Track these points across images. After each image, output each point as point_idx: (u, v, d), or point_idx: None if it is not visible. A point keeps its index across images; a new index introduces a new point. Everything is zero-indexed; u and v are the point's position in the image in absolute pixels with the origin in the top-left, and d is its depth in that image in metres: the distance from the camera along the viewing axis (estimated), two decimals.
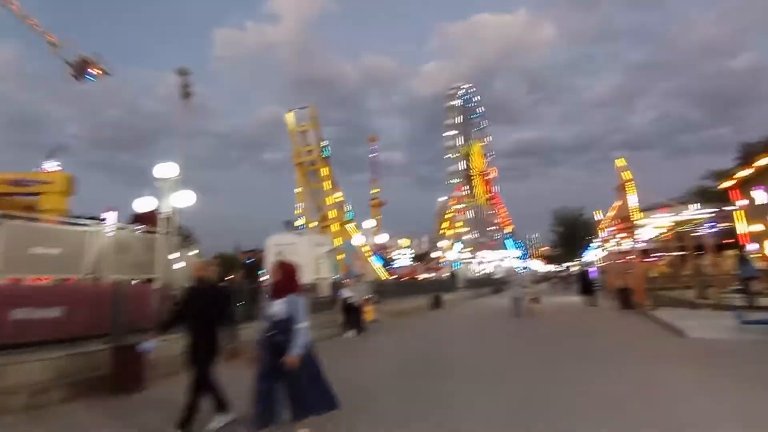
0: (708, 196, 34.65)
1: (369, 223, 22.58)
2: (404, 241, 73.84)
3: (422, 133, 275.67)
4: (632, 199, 14.89)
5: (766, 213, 23.56)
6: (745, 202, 26.28)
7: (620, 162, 15.90)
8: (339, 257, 34.41)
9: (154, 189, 9.69)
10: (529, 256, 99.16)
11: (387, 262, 69.92)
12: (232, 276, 16.16)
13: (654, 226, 16.45)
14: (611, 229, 18.46)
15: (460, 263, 47.92)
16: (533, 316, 15.86)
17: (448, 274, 36.34)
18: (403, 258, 71.13)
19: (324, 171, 34.33)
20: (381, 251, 76.98)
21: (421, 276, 54.88)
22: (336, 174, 35.52)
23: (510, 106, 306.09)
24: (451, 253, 47.79)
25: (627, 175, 15.22)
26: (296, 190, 35.68)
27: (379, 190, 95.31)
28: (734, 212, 27.13)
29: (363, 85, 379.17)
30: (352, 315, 12.60)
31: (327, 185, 34.45)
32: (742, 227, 26.03)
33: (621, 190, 15.91)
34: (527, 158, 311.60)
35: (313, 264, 14.27)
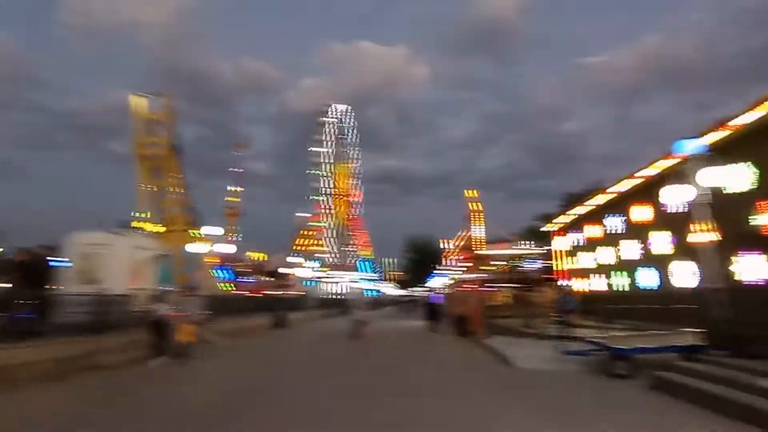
0: (538, 235, 39.42)
1: (215, 231, 20.02)
2: (254, 255, 69.76)
3: (291, 147, 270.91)
4: (478, 230, 15.55)
5: (575, 253, 27.32)
6: (564, 242, 30.33)
7: (471, 193, 16.64)
8: (179, 266, 30.52)
9: None
10: (383, 280, 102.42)
11: (237, 276, 65.27)
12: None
13: (493, 258, 17.52)
14: (457, 257, 19.29)
15: (314, 282, 46.68)
16: (364, 339, 16.21)
17: (298, 292, 34.79)
18: (253, 272, 67.07)
19: (173, 168, 30.39)
20: (231, 263, 71.73)
21: (271, 293, 52.19)
22: (188, 175, 31.83)
23: (380, 134, 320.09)
24: (304, 271, 46.30)
25: (476, 206, 15.90)
26: (139, 187, 30.96)
27: (239, 199, 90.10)
28: (554, 251, 31.15)
29: (239, 88, 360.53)
30: (162, 336, 10.28)
31: (174, 185, 30.50)
32: (559, 264, 29.86)
33: (469, 219, 16.57)
34: (389, 185, 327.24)
35: (131, 270, 11.69)
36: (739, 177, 8.59)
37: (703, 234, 15.46)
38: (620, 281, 22.04)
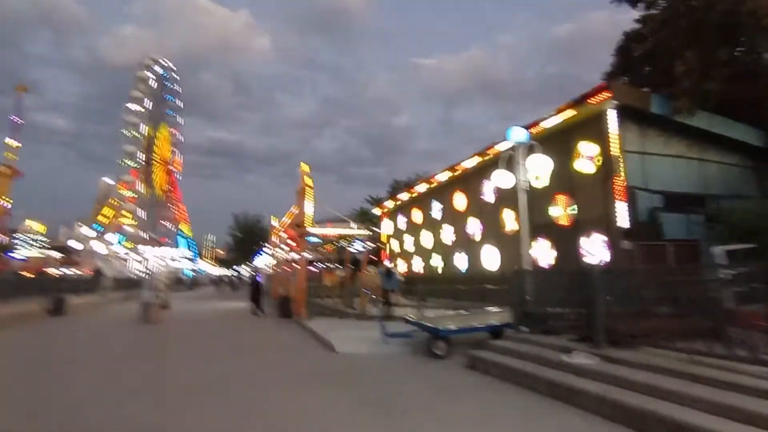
0: (367, 217, 40.47)
1: None
2: (35, 225, 56.57)
3: (103, 102, 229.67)
4: (308, 206, 14.57)
5: (400, 236, 28.71)
6: (390, 225, 31.68)
7: (305, 167, 15.52)
8: None
9: None
10: (201, 257, 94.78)
11: (4, 249, 51.98)
12: None
13: (320, 237, 16.78)
14: (284, 234, 18.04)
15: (100, 257, 39.60)
16: (160, 323, 14.43)
17: (91, 270, 29.02)
18: (30, 246, 54.27)
19: None
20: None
21: (54, 271, 43.02)
22: None
23: (212, 101, 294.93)
24: (101, 246, 39.09)
25: (308, 181, 14.87)
26: None
27: (15, 156, 71.76)
28: (381, 234, 32.29)
29: (26, 19, 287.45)
30: None
31: None
32: (385, 246, 31.05)
33: (300, 195, 15.47)
34: (220, 158, 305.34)
35: None
36: (547, 169, 9.29)
37: (510, 222, 17.43)
38: (437, 263, 23.74)
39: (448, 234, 22.67)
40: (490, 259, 18.71)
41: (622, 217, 12.41)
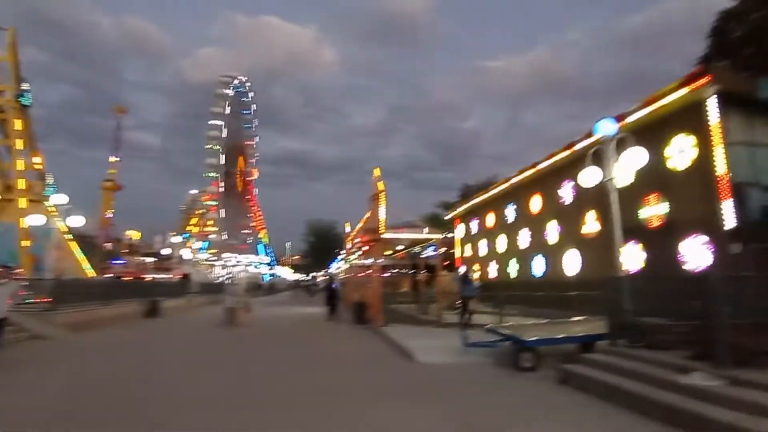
0: (438, 222, 40.04)
1: (59, 199, 16.37)
2: (133, 233, 62.38)
3: (186, 119, 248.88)
4: (381, 211, 14.51)
5: (473, 240, 27.93)
6: (463, 230, 31.01)
7: (377, 172, 15.52)
8: (24, 243, 25.45)
9: None
10: (280, 263, 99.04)
11: (108, 256, 57.81)
12: None
13: (394, 242, 16.67)
14: (357, 240, 18.17)
15: (188, 263, 42.43)
16: (242, 327, 15.13)
17: (180, 275, 31.25)
18: (130, 253, 59.95)
19: (17, 124, 25.01)
20: (104, 242, 63.46)
21: (150, 276, 46.99)
22: (55, 142, 26.60)
23: (283, 114, 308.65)
24: (189, 252, 42.04)
25: (381, 186, 14.84)
26: None
27: (117, 171, 79.78)
28: (454, 238, 31.70)
29: (122, 50, 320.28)
30: None
31: (19, 144, 25.15)
32: (458, 251, 30.42)
33: (373, 200, 15.47)
34: (291, 168, 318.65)
35: None
36: (639, 165, 8.39)
37: (592, 224, 16.26)
38: (512, 268, 22.76)
39: (523, 238, 21.66)
40: (570, 263, 17.57)
41: (729, 216, 10.98)
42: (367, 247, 18.91)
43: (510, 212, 23.28)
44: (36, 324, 12.50)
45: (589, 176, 8.89)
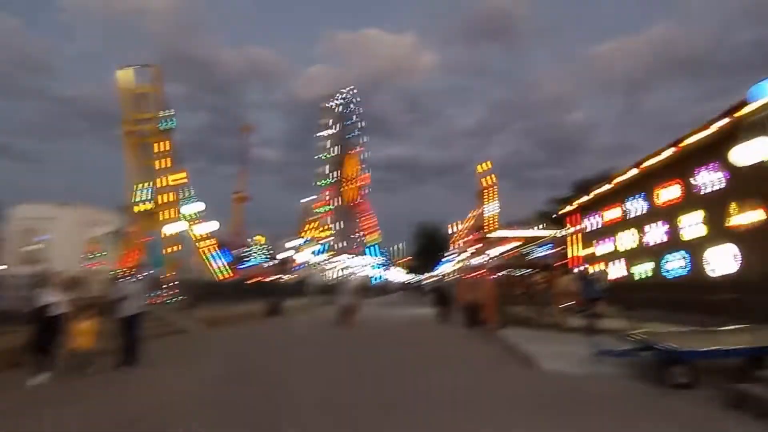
0: (550, 220, 37.50)
1: (194, 208, 18.31)
2: (259, 239, 68.40)
3: (299, 133, 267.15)
4: (491, 207, 13.69)
5: (594, 238, 25.40)
6: (580, 227, 28.49)
7: (483, 166, 14.75)
8: (169, 250, 29.08)
9: None
10: (391, 265, 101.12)
11: (237, 260, 64.04)
12: None
13: (505, 241, 15.68)
14: (466, 239, 17.49)
15: (306, 266, 44.82)
16: (353, 327, 15.53)
17: (299, 277, 33.26)
18: (256, 257, 65.89)
19: (163, 145, 28.75)
20: (234, 247, 70.47)
21: (272, 278, 50.89)
22: (197, 162, 30.31)
23: (387, 121, 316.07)
24: (305, 256, 44.65)
25: (489, 180, 14.02)
26: (128, 166, 29.34)
27: (244, 184, 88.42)
28: (570, 235, 29.26)
29: (244, 76, 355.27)
30: (47, 339, 6.97)
31: (164, 163, 28.89)
32: (575, 250, 27.99)
33: (480, 196, 14.70)
34: (398, 173, 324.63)
35: (79, 248, 10.02)
36: None
37: (749, 214, 13.60)
38: (643, 268, 20.16)
39: (654, 233, 19.08)
40: (717, 261, 14.95)
41: None
42: (475, 248, 18.14)
43: (636, 205, 20.72)
44: (179, 319, 13.99)
45: (749, 151, 7.28)
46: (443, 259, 63.30)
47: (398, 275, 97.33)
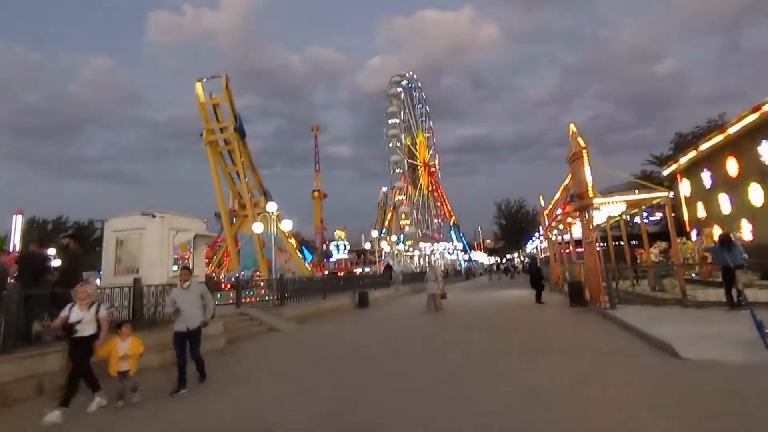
0: (653, 182, 33.69)
1: (271, 207, 18.47)
2: (339, 233, 69.78)
3: (368, 127, 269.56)
4: (587, 172, 12.01)
5: (712, 196, 22.07)
6: (688, 187, 25.05)
7: (573, 127, 13.03)
8: (261, 250, 30.20)
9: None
10: (473, 248, 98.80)
11: (323, 256, 65.90)
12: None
13: (610, 208, 13.79)
14: (558, 213, 15.79)
15: (389, 255, 44.54)
16: (443, 312, 15.44)
17: (384, 268, 33.08)
18: (339, 250, 67.29)
19: (239, 151, 29.76)
20: (318, 243, 72.79)
21: (358, 270, 51.68)
22: (275, 166, 31.28)
23: (454, 102, 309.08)
24: (388, 246, 44.47)
25: (582, 142, 12.31)
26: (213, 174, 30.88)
27: (320, 182, 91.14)
28: (681, 197, 25.87)
29: (309, 78, 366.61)
30: (75, 363, 5.84)
31: (243, 167, 29.92)
32: (690, 212, 24.71)
33: (574, 160, 13.02)
34: (471, 154, 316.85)
35: (169, 256, 10.17)
36: None
37: None
38: None
39: None
40: None
41: None
42: (571, 219, 16.33)
43: (766, 151, 17.43)
44: (270, 318, 14.05)
45: None
46: (530, 237, 60.16)
47: (483, 258, 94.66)
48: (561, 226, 19.55)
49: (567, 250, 19.95)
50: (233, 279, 23.16)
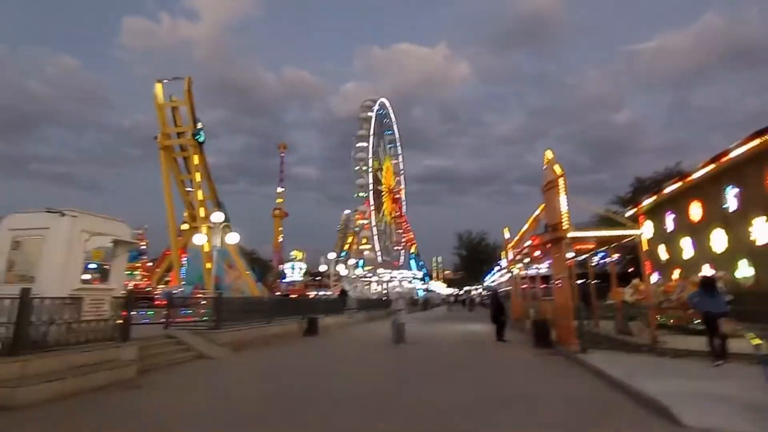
0: (612, 224, 34.06)
1: (217, 217, 16.73)
2: (297, 254, 67.41)
3: (337, 149, 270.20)
4: (563, 202, 11.21)
5: (674, 239, 22.10)
6: (651, 228, 25.14)
7: (550, 154, 12.31)
8: (208, 265, 27.98)
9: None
10: (432, 278, 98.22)
11: (279, 276, 63.26)
12: None
13: (580, 243, 13.06)
14: (528, 244, 14.99)
15: (345, 280, 42.90)
16: (406, 345, 13.84)
17: (338, 292, 31.42)
18: (294, 272, 64.76)
19: (196, 159, 27.87)
20: (278, 263, 69.96)
21: (313, 293, 49.49)
22: (239, 183, 29.52)
23: (423, 133, 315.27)
24: (345, 269, 42.79)
25: (558, 170, 11.56)
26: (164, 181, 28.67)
27: (282, 200, 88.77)
28: (640, 240, 25.89)
29: (282, 97, 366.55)
30: None
31: (198, 176, 27.98)
32: (652, 255, 24.66)
33: (548, 189, 12.24)
34: (436, 185, 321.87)
35: (75, 262, 8.39)
36: None
37: None
38: (744, 271, 16.87)
39: (760, 230, 15.85)
40: None
41: None
42: (540, 251, 15.56)
43: (731, 197, 17.50)
44: (201, 342, 12.25)
45: None
46: (490, 270, 60.02)
47: (441, 288, 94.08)
48: (527, 260, 18.81)
49: (531, 286, 19.19)
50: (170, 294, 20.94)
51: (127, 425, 5.72)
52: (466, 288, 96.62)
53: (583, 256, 16.76)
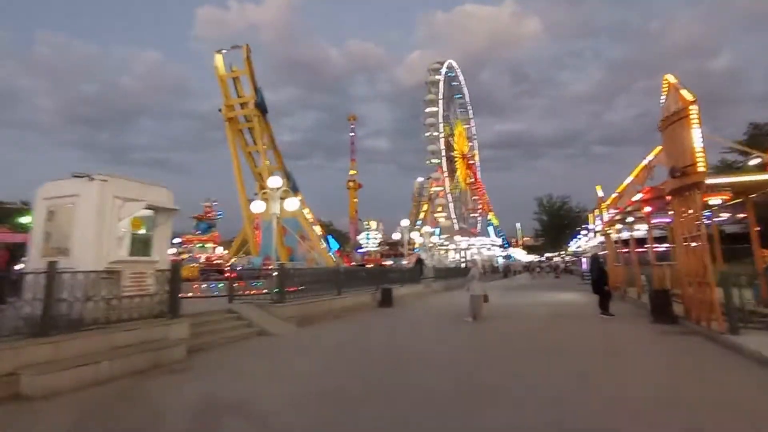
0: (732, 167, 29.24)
1: (274, 182, 15.59)
2: (371, 223, 66.78)
3: (407, 121, 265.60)
4: (696, 136, 8.48)
5: None
6: None
7: (672, 78, 9.49)
8: (277, 236, 27.76)
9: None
10: (511, 245, 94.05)
11: (355, 247, 63.48)
12: None
13: (718, 193, 10.13)
14: (638, 197, 12.17)
15: (422, 248, 41.10)
16: (486, 319, 12.32)
17: (415, 261, 30.00)
18: (370, 242, 64.40)
19: (261, 129, 27.32)
20: (354, 234, 70.35)
21: (389, 262, 48.66)
22: (313, 158, 28.94)
23: (494, 97, 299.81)
24: (420, 237, 41.16)
25: (688, 95, 8.78)
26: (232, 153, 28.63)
27: (355, 171, 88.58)
28: None
29: (348, 71, 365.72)
30: None
31: (263, 146, 27.49)
32: None
33: (670, 124, 9.46)
34: (510, 150, 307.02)
35: (110, 232, 7.50)
36: None
37: None
38: None
39: None
40: None
41: None
42: (649, 208, 12.71)
43: None
44: (263, 317, 11.34)
45: None
46: (576, 235, 55.38)
47: (522, 255, 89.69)
48: (630, 219, 15.86)
49: (638, 249, 16.26)
50: (239, 267, 20.77)
51: (152, 424, 4.56)
52: (547, 255, 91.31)
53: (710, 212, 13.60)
